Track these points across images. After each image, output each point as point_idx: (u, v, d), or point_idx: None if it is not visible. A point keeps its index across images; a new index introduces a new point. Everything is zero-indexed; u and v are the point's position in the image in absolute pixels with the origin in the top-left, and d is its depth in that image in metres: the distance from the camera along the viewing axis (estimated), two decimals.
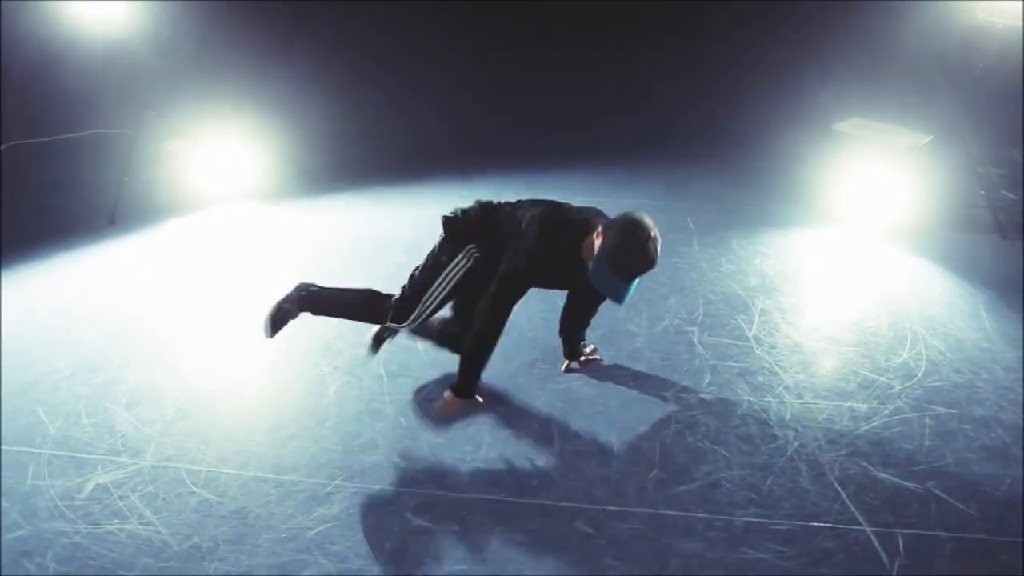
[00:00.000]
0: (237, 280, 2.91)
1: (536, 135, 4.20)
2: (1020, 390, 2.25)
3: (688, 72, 4.95)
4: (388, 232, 3.23)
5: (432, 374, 2.34)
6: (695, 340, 2.51)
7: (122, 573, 1.68)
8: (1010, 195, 3.46)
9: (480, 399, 2.18)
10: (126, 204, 3.33)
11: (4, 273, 2.88)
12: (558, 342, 2.38)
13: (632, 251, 1.90)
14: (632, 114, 4.46)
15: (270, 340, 2.29)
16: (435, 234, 3.19)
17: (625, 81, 4.89)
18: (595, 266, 1.94)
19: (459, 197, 3.56)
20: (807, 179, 3.55)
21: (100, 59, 3.57)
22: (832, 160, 3.51)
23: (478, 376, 2.13)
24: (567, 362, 2.37)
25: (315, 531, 1.80)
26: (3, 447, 2.03)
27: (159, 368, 2.36)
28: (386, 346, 2.32)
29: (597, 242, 1.96)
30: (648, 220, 1.95)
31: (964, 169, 3.30)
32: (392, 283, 2.83)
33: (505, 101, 4.63)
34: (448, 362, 2.39)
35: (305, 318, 2.34)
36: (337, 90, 4.49)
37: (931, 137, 3.46)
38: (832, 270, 2.99)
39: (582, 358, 2.38)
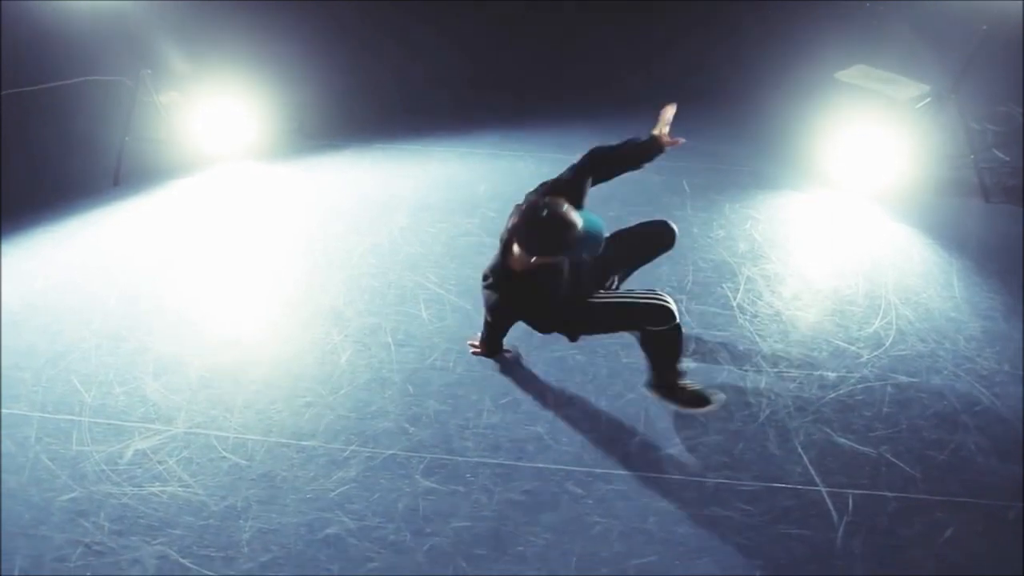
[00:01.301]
0: (246, 244, 3.01)
1: (536, 93, 4.14)
2: (978, 360, 2.44)
3: (690, 24, 4.80)
4: (391, 193, 3.29)
5: (437, 343, 2.52)
6: (683, 309, 2.66)
7: (169, 530, 1.92)
8: (1001, 155, 3.52)
9: (509, 351, 2.43)
10: (128, 163, 3.37)
11: (15, 238, 2.98)
12: None
13: (541, 233, 1.93)
14: (633, 70, 4.37)
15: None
16: (438, 196, 3.28)
17: (626, 37, 4.75)
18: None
19: (459, 155, 3.65)
20: (803, 137, 3.57)
21: (91, 13, 3.47)
22: (830, 116, 3.52)
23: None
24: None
25: (336, 492, 2.04)
26: (44, 415, 2.24)
27: (180, 337, 2.53)
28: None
29: (515, 248, 2.00)
30: (543, 202, 1.96)
31: (959, 128, 3.33)
32: (396, 247, 2.96)
33: (505, 58, 4.51)
34: (453, 331, 2.56)
35: (313, 284, 2.48)
36: (334, 45, 4.37)
37: (930, 92, 3.45)
38: (818, 236, 3.09)
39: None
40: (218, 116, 3.50)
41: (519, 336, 2.53)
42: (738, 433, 2.21)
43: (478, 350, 2.45)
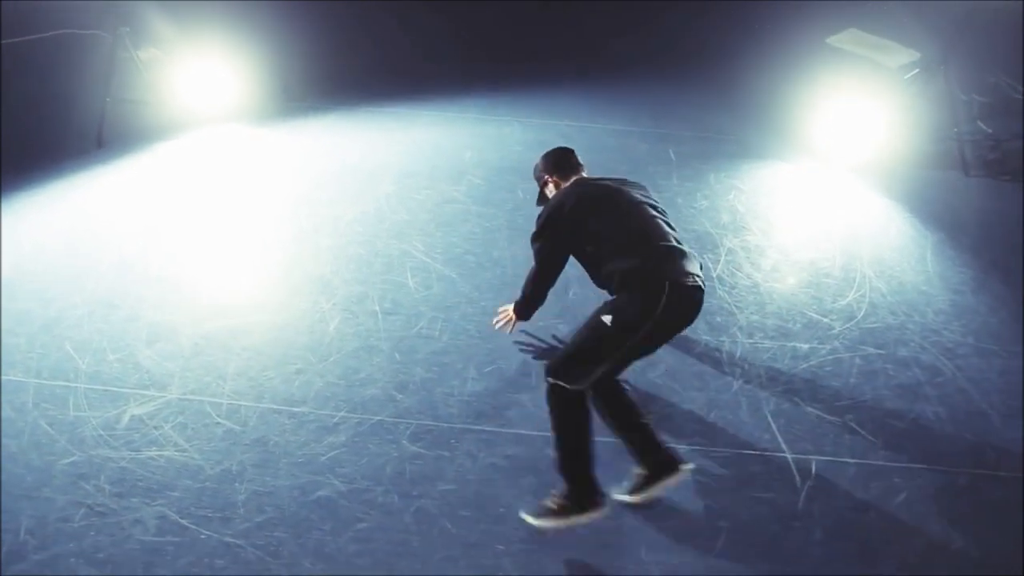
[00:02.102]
0: (233, 211, 3.01)
1: (522, 58, 4.07)
2: (944, 333, 2.54)
3: None
4: (377, 160, 3.28)
5: (423, 312, 2.58)
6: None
7: (168, 493, 2.01)
8: (984, 127, 3.55)
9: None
10: (110, 124, 3.32)
11: (1, 202, 2.96)
12: None
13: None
14: (622, 35, 4.29)
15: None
16: (424, 163, 3.28)
17: (613, 2, 4.64)
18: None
19: (445, 119, 3.62)
20: (791, 106, 3.57)
21: None
22: (819, 85, 3.52)
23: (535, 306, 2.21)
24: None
25: (326, 456, 2.13)
26: (40, 381, 2.29)
27: (171, 304, 2.57)
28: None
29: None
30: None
31: (945, 100, 3.35)
32: (382, 215, 2.98)
33: (491, 22, 4.39)
34: (439, 299, 2.62)
35: (302, 252, 2.50)
36: (318, 6, 4.23)
37: (919, 59, 3.45)
38: (799, 208, 3.15)
39: None
40: (201, 77, 3.43)
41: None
42: (712, 402, 2.31)
43: (506, 316, 2.26)
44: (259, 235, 2.90)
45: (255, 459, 2.12)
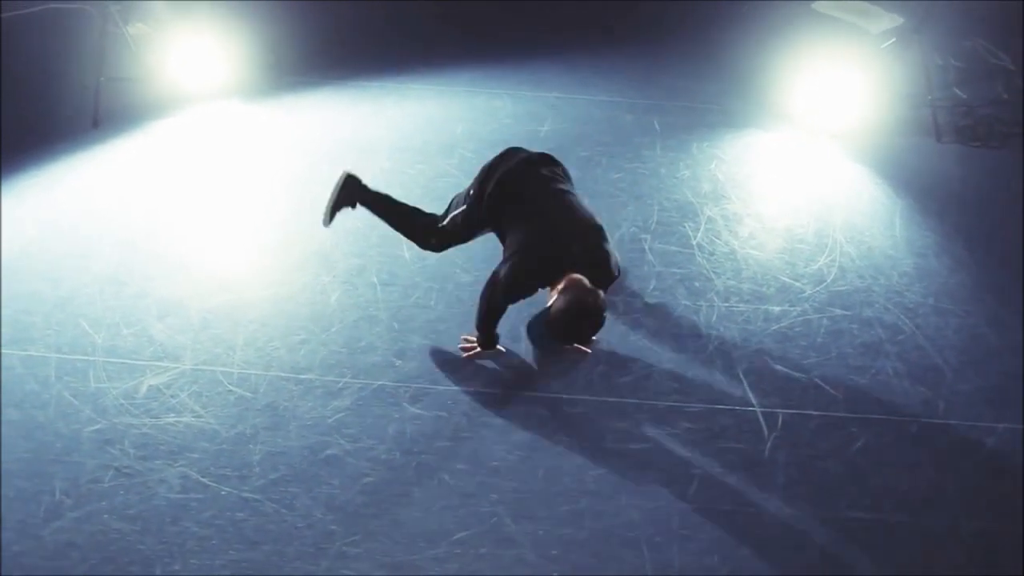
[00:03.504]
0: (232, 187, 3.12)
1: (509, 30, 4.10)
2: (907, 294, 2.72)
3: None
4: (370, 134, 3.37)
5: (419, 282, 2.72)
6: (646, 248, 2.88)
7: (188, 455, 2.19)
8: (960, 93, 3.65)
9: (501, 348, 2.47)
10: (104, 103, 3.38)
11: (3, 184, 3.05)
12: None
13: (566, 330, 2.11)
14: (606, 6, 4.30)
15: (326, 228, 2.57)
16: (417, 137, 3.37)
17: None
18: (537, 318, 2.19)
19: (435, 92, 3.69)
20: (773, 75, 3.65)
21: None
22: (801, 53, 3.59)
23: (490, 335, 2.41)
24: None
25: (332, 419, 2.31)
26: (61, 356, 2.44)
27: (177, 280, 2.70)
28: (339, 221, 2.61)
29: (552, 296, 2.13)
30: (594, 303, 2.05)
31: (922, 65, 3.44)
32: (378, 189, 3.08)
33: None
34: (434, 270, 2.76)
35: (301, 227, 2.62)
36: None
37: (895, 35, 3.52)
38: (777, 177, 3.27)
39: None
40: (192, 53, 3.47)
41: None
42: (688, 362, 2.49)
43: (472, 347, 2.46)
44: (258, 211, 3.01)
45: (267, 423, 2.29)
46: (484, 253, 2.81)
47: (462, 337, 2.51)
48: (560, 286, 2.12)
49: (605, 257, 2.20)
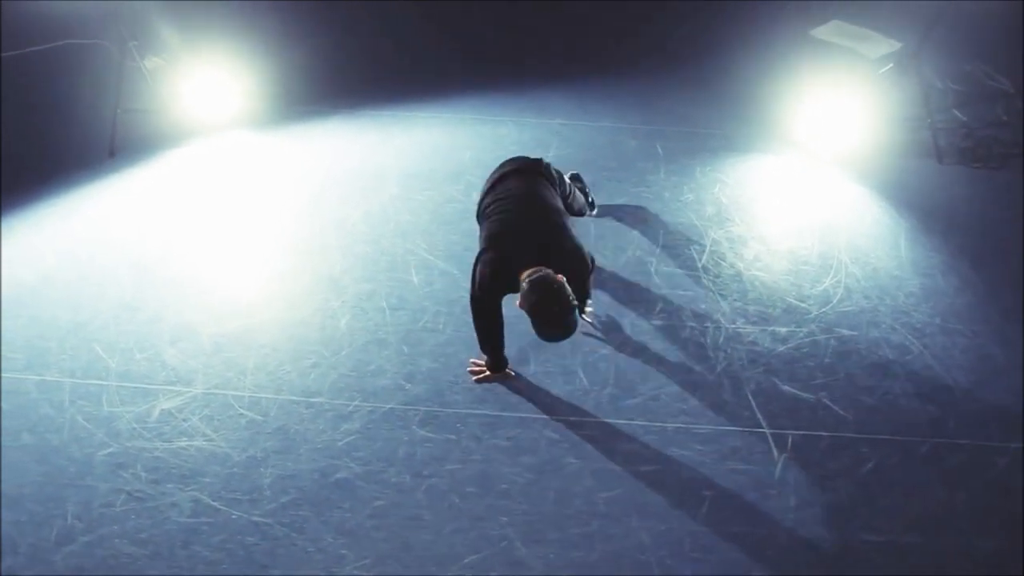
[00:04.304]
0: (244, 215, 3.18)
1: (516, 59, 4.20)
2: (914, 314, 2.73)
3: None
4: (380, 162, 3.44)
5: (428, 306, 2.75)
6: (652, 271, 2.91)
7: (199, 478, 2.21)
8: (959, 115, 3.70)
9: (511, 372, 2.48)
10: (120, 134, 3.47)
11: (19, 213, 3.12)
12: None
13: (539, 318, 2.06)
14: (610, 34, 4.41)
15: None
16: (425, 164, 3.44)
17: (602, 2, 4.76)
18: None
19: (443, 121, 3.78)
20: (774, 100, 3.72)
21: None
22: (801, 78, 3.67)
23: (497, 357, 2.43)
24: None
25: (343, 442, 2.32)
26: (75, 380, 2.48)
27: (190, 306, 2.74)
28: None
29: (523, 290, 2.09)
30: (553, 290, 2.04)
31: (921, 89, 3.50)
32: (387, 216, 3.15)
33: (485, 24, 4.52)
34: (442, 294, 2.79)
35: (311, 253, 2.66)
36: (316, 13, 4.36)
37: (895, 59, 3.59)
38: (780, 199, 3.31)
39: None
40: (205, 84, 3.58)
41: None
42: (696, 383, 2.50)
43: (480, 370, 2.48)
44: (269, 238, 3.07)
45: (277, 446, 2.31)
46: None
47: (471, 361, 2.53)
48: (524, 285, 2.09)
49: (563, 248, 2.20)
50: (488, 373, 2.48)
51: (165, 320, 2.68)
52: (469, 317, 2.70)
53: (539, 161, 2.47)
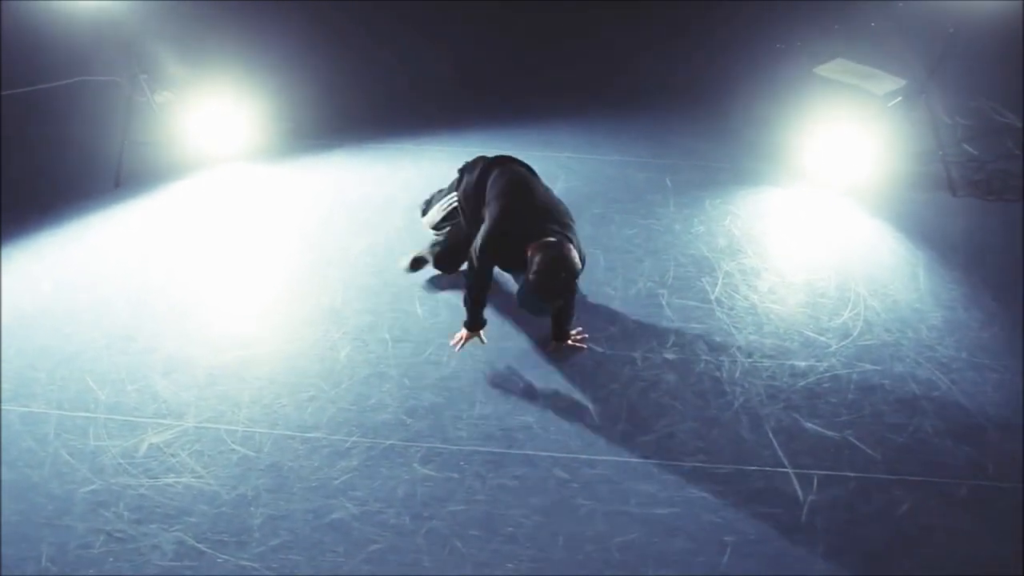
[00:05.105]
0: (247, 246, 3.12)
1: (522, 92, 4.24)
2: (939, 348, 2.61)
3: (673, 22, 4.91)
4: (386, 194, 3.40)
5: (432, 338, 2.66)
6: (664, 303, 2.82)
7: (185, 518, 2.07)
8: (970, 149, 3.67)
9: (483, 339, 2.55)
10: (127, 165, 3.46)
11: (19, 241, 3.08)
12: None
13: (547, 281, 2.25)
14: (619, 68, 4.47)
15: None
16: (430, 194, 3.40)
17: (610, 37, 4.84)
18: (520, 286, 2.33)
19: (450, 153, 3.76)
20: (782, 134, 3.71)
21: (83, 14, 3.53)
22: (808, 113, 3.66)
23: (475, 314, 2.51)
24: (553, 342, 2.59)
25: (339, 480, 2.18)
26: (62, 412, 2.37)
27: (187, 337, 2.65)
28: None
29: (530, 260, 2.29)
30: (567, 254, 2.26)
31: (930, 123, 3.47)
32: (392, 247, 3.09)
33: (493, 58, 4.60)
34: (447, 326, 2.70)
35: (313, 284, 2.61)
36: (325, 46, 4.45)
37: (903, 92, 3.59)
38: (793, 231, 3.24)
39: (568, 341, 2.58)
40: (214, 117, 3.60)
41: (507, 333, 2.68)
42: (713, 420, 2.37)
43: (461, 340, 2.56)
44: (272, 269, 3.00)
45: (270, 484, 2.17)
46: (495, 307, 2.76)
47: (451, 339, 2.59)
48: (532, 250, 2.31)
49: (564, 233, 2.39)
50: (464, 335, 2.54)
51: (160, 351, 2.59)
52: (474, 349, 2.62)
53: (511, 156, 2.74)
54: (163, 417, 2.36)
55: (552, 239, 2.30)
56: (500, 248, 2.41)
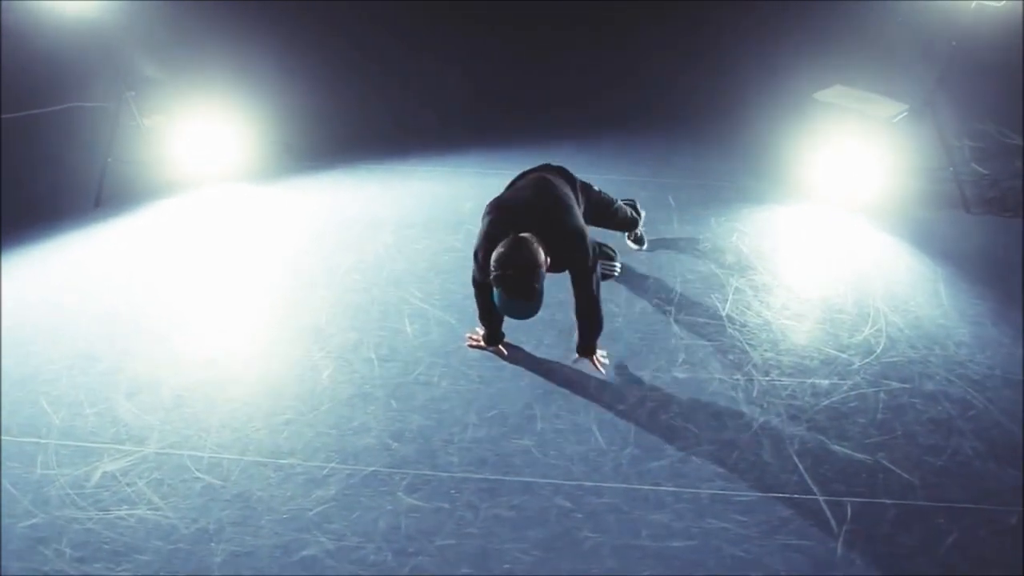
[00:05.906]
0: (227, 265, 2.95)
1: (523, 111, 4.18)
2: (970, 365, 2.41)
3: (672, 44, 4.93)
4: (375, 213, 3.27)
5: (422, 357, 2.45)
6: (671, 320, 2.63)
7: (135, 556, 1.81)
8: (980, 169, 3.57)
9: (504, 351, 2.47)
10: (110, 185, 3.33)
11: None
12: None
13: (498, 281, 2.07)
14: (620, 89, 4.43)
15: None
16: (423, 214, 3.27)
17: (608, 57, 4.85)
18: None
19: (444, 173, 3.65)
20: (785, 154, 3.61)
21: (75, 36, 3.47)
22: (810, 133, 3.57)
23: (490, 329, 2.45)
24: (577, 355, 2.38)
25: (314, 511, 1.94)
26: (9, 438, 2.13)
27: (156, 356, 2.44)
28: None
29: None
30: (517, 251, 2.06)
31: (937, 143, 3.38)
32: (380, 264, 2.92)
33: (492, 77, 4.57)
34: (436, 345, 2.50)
35: (296, 302, 2.42)
36: (318, 67, 4.42)
37: (907, 109, 3.51)
38: (804, 248, 3.09)
39: (593, 357, 2.37)
40: (203, 138, 3.49)
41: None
42: (731, 442, 2.14)
43: (476, 341, 2.50)
44: (253, 287, 2.82)
45: (235, 516, 1.92)
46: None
47: (467, 336, 2.51)
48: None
49: (563, 224, 2.23)
50: (482, 343, 2.47)
51: (125, 371, 2.37)
52: (468, 368, 2.42)
53: (561, 166, 2.58)
54: (122, 442, 2.12)
55: (521, 235, 2.10)
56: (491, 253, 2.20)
